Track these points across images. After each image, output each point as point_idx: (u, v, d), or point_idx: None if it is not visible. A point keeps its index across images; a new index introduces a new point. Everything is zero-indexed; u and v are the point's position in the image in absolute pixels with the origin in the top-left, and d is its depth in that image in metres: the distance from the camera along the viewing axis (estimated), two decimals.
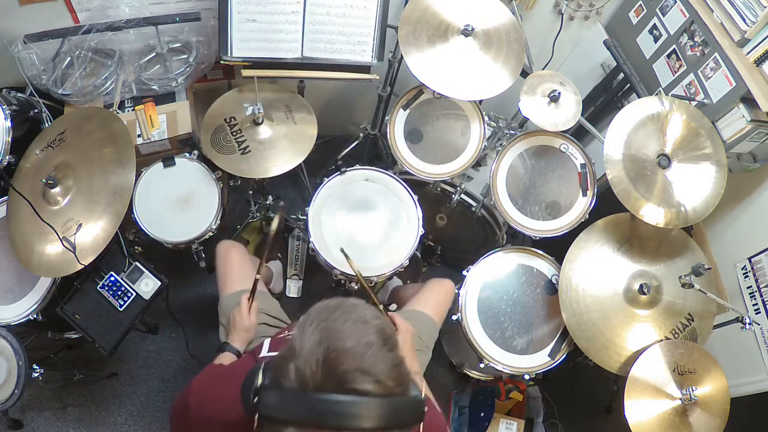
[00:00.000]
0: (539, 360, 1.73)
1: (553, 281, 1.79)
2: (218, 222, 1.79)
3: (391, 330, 0.76)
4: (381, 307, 1.29)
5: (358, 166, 1.86)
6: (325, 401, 0.66)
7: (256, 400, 0.71)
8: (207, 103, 1.86)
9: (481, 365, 1.77)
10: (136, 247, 1.78)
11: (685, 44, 1.86)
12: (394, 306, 1.97)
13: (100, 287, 1.66)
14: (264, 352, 1.18)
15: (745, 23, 1.61)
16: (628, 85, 2.05)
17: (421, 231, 1.78)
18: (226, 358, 1.34)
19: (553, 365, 1.71)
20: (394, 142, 1.89)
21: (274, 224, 1.35)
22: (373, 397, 0.67)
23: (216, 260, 1.66)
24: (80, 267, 1.48)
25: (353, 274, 1.67)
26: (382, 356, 0.70)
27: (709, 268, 1.56)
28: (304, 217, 1.77)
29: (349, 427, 0.66)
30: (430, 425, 0.87)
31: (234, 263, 1.63)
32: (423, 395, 0.75)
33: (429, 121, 1.94)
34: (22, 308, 1.62)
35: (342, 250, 1.34)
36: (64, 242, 1.49)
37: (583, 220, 1.81)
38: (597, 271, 1.70)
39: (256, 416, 0.70)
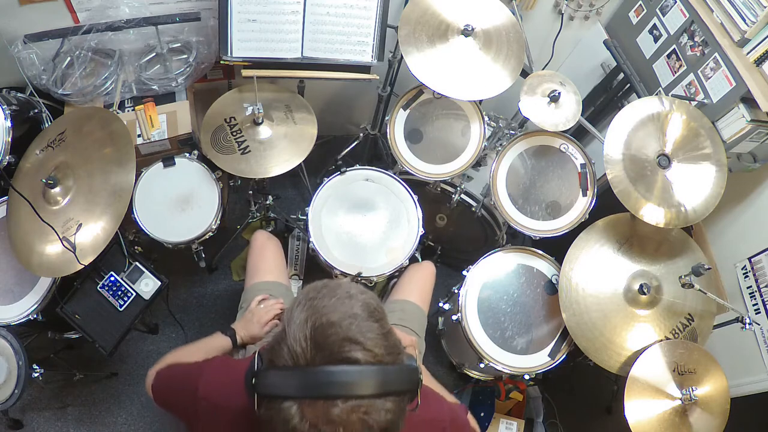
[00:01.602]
0: (539, 360, 1.73)
1: (553, 281, 1.79)
2: (218, 222, 1.79)
3: (377, 302, 0.78)
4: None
5: (358, 166, 1.86)
6: (317, 373, 0.69)
7: (254, 382, 0.73)
8: (207, 103, 1.86)
9: (481, 365, 1.77)
10: (136, 247, 1.78)
11: (685, 44, 1.86)
12: None
13: (100, 287, 1.66)
14: None
15: (745, 23, 1.61)
16: (628, 85, 2.05)
17: (421, 231, 1.78)
18: (220, 341, 1.35)
19: (553, 365, 1.71)
20: (394, 142, 1.89)
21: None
22: (364, 365, 0.70)
23: (251, 247, 1.68)
24: (80, 267, 1.48)
25: (353, 274, 1.69)
26: (367, 326, 0.73)
27: (709, 268, 1.55)
28: (304, 217, 1.78)
29: (344, 394, 0.68)
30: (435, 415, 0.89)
31: (269, 256, 1.66)
32: (419, 365, 0.78)
33: (429, 121, 1.94)
34: (22, 308, 1.62)
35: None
36: (64, 242, 1.49)
37: (583, 220, 1.81)
38: (597, 271, 1.70)
39: (256, 398, 0.72)
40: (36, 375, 1.59)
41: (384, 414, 0.70)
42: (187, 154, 1.83)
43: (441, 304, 1.96)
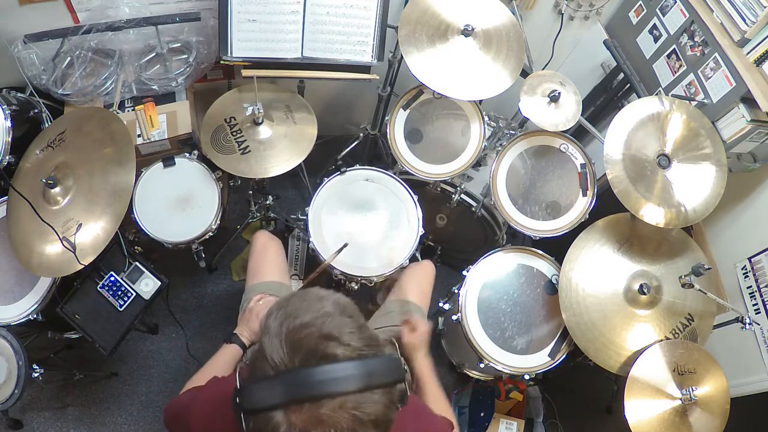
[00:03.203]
0: (539, 360, 1.73)
1: (553, 281, 1.79)
2: (218, 222, 1.79)
3: (347, 300, 0.78)
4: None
5: (358, 166, 1.86)
6: (298, 375, 0.68)
7: (237, 400, 0.71)
8: (207, 103, 1.86)
9: (481, 365, 1.77)
10: (136, 247, 1.78)
11: (685, 44, 1.86)
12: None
13: (100, 287, 1.66)
14: None
15: (745, 23, 1.61)
16: (628, 85, 2.05)
17: (421, 231, 1.78)
18: (229, 351, 1.34)
19: (553, 365, 1.71)
20: (394, 142, 1.89)
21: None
22: (344, 361, 0.69)
23: (253, 247, 1.68)
24: (80, 267, 1.48)
25: (353, 274, 1.69)
26: (341, 321, 0.72)
27: (709, 268, 1.56)
28: (304, 217, 1.78)
29: (329, 393, 0.67)
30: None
31: (270, 256, 1.66)
32: (400, 356, 0.76)
33: (429, 121, 1.94)
34: (22, 308, 1.62)
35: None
36: (64, 242, 1.49)
37: (583, 220, 1.81)
38: (597, 271, 1.70)
39: (242, 416, 0.70)
40: (36, 375, 1.59)
41: (373, 407, 0.69)
42: (187, 154, 1.83)
43: (441, 304, 1.96)
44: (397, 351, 0.80)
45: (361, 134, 2.38)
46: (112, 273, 1.67)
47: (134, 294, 1.68)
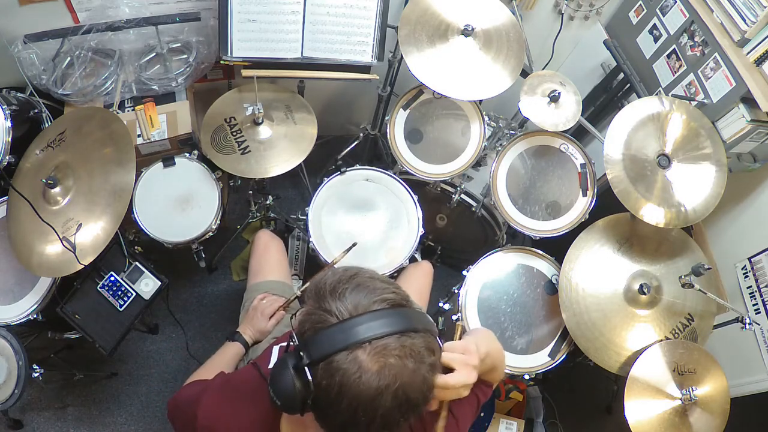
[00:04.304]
0: (539, 360, 1.72)
1: (553, 281, 1.79)
2: (218, 222, 1.79)
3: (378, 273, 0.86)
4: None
5: (358, 166, 1.86)
6: (360, 320, 0.75)
7: (301, 354, 0.75)
8: (207, 103, 1.86)
9: None
10: (136, 247, 1.78)
11: (685, 44, 1.86)
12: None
13: (100, 287, 1.66)
14: (272, 363, 1.17)
15: (745, 23, 1.61)
16: (628, 85, 2.05)
17: (421, 231, 1.78)
18: (232, 348, 1.35)
19: (553, 365, 1.71)
20: (394, 142, 1.89)
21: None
22: (396, 308, 0.78)
23: (254, 247, 1.70)
24: (80, 267, 1.48)
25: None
26: (382, 284, 0.81)
27: (709, 268, 1.55)
28: (304, 217, 1.78)
29: (388, 333, 0.75)
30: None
31: (272, 255, 1.67)
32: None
33: (429, 121, 1.94)
34: (22, 308, 1.61)
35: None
36: (64, 242, 1.49)
37: (583, 220, 1.81)
38: (597, 271, 1.70)
39: (308, 369, 0.74)
40: (36, 375, 1.59)
41: (421, 340, 0.77)
42: (187, 154, 1.83)
43: (441, 304, 1.96)
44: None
45: (361, 134, 2.38)
46: (112, 273, 1.67)
47: (134, 294, 1.68)
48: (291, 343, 0.80)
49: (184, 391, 1.12)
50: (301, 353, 0.75)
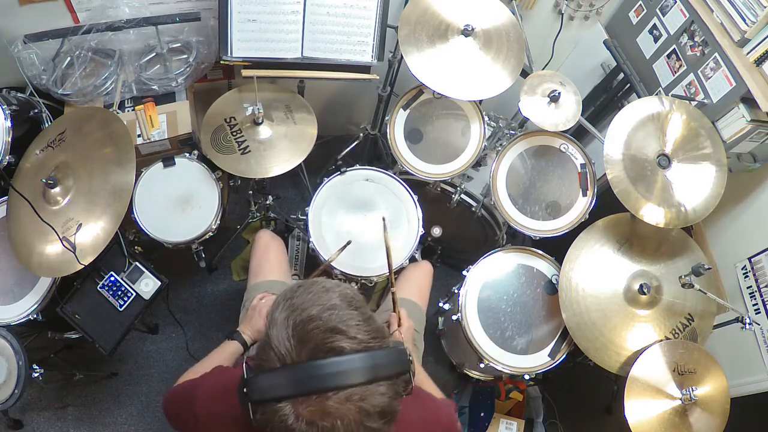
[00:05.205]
0: (539, 360, 1.73)
1: (553, 281, 1.79)
2: (218, 222, 1.79)
3: (353, 292, 0.78)
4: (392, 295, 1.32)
5: (358, 166, 1.86)
6: (305, 368, 0.69)
7: (245, 390, 0.72)
8: (207, 103, 1.86)
9: (481, 365, 1.77)
10: (136, 247, 1.78)
11: (685, 44, 1.86)
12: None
13: (100, 287, 1.66)
14: None
15: (745, 23, 1.61)
16: (628, 85, 2.05)
17: (421, 231, 1.78)
18: (230, 347, 1.35)
19: (553, 365, 1.71)
20: (394, 142, 1.89)
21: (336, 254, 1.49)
22: (351, 353, 0.70)
23: (255, 246, 1.70)
24: (80, 267, 1.48)
25: (354, 274, 1.69)
26: (348, 314, 0.73)
27: (709, 268, 1.56)
28: (304, 217, 1.78)
29: (335, 386, 0.68)
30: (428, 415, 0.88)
31: (272, 255, 1.68)
32: (416, 362, 0.78)
33: (429, 121, 1.94)
34: (22, 308, 1.61)
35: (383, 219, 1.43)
36: (64, 242, 1.49)
37: (583, 220, 1.81)
38: (597, 271, 1.70)
39: (250, 406, 0.72)
40: (36, 375, 1.59)
41: (379, 398, 0.70)
42: (187, 154, 1.83)
43: (441, 304, 1.96)
44: (413, 342, 0.82)
45: (361, 134, 2.38)
46: (112, 273, 1.67)
47: (134, 294, 1.68)
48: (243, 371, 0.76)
49: (181, 386, 1.12)
50: (243, 389, 0.73)
